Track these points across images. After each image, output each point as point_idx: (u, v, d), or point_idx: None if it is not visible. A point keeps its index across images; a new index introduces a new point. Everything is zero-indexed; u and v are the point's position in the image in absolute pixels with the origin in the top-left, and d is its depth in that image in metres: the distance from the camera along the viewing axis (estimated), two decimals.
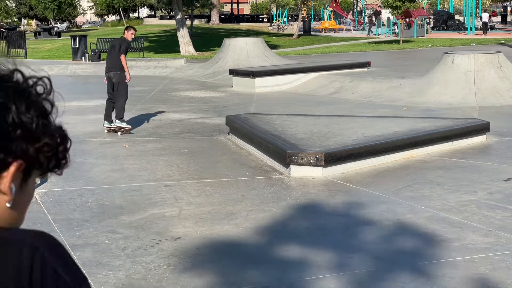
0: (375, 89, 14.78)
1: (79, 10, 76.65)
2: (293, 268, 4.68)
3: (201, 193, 6.74)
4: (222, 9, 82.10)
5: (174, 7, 31.54)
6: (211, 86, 17.96)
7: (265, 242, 5.25)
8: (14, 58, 28.95)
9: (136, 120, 11.75)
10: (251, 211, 6.05)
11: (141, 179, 7.34)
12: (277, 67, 17.93)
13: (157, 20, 63.37)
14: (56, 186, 7.01)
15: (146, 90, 17.12)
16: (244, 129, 9.01)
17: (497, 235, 5.24)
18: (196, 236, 5.39)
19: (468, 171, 7.47)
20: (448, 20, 48.47)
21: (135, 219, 5.88)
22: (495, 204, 6.11)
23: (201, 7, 46.05)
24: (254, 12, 77.66)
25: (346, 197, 6.48)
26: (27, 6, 69.02)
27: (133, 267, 4.72)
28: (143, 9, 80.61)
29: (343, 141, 7.88)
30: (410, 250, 5.00)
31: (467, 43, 32.55)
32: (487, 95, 12.78)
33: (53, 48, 37.73)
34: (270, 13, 57.82)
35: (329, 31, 49.67)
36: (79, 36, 27.86)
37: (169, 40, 38.82)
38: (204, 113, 12.62)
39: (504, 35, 39.35)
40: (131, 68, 23.49)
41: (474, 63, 13.20)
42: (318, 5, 50.98)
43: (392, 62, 22.98)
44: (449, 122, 9.37)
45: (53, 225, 5.71)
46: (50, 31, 51.84)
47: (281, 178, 7.29)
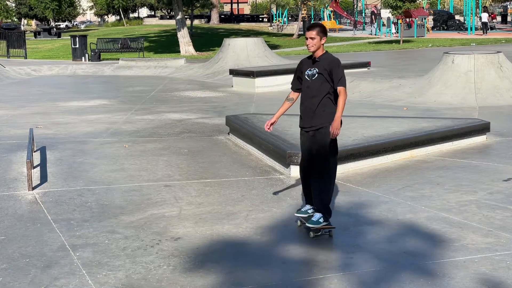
0: (375, 89, 14.78)
1: (79, 10, 76.65)
2: (293, 268, 4.68)
3: (201, 193, 6.74)
4: (222, 9, 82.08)
5: (174, 7, 31.54)
6: (211, 86, 17.96)
7: (265, 242, 5.25)
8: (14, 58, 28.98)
9: (136, 120, 11.75)
10: (251, 211, 6.05)
11: (141, 179, 7.34)
12: (277, 67, 17.92)
13: (157, 20, 63.40)
14: (56, 186, 7.01)
15: (146, 90, 17.12)
16: (244, 129, 9.01)
17: (497, 235, 5.24)
18: (196, 236, 5.39)
19: (468, 171, 7.46)
20: (448, 20, 48.48)
21: (135, 219, 5.87)
22: (495, 204, 6.11)
23: (201, 7, 46.05)
24: (254, 12, 77.66)
25: (346, 197, 6.48)
26: (27, 6, 69.02)
27: (133, 267, 4.72)
28: (143, 9, 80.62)
29: (343, 141, 7.87)
30: (410, 250, 4.99)
31: (467, 43, 32.55)
32: (487, 95, 12.78)
33: (53, 48, 37.72)
34: (270, 13, 57.82)
35: (329, 31, 49.65)
36: (79, 36, 27.88)
37: (169, 40, 38.82)
38: (204, 113, 12.62)
39: (504, 35, 39.33)
40: (131, 68, 23.60)
41: (474, 63, 13.20)
42: (318, 5, 50.92)
43: (392, 62, 22.98)
44: (449, 122, 9.37)
45: (53, 225, 5.71)
46: (50, 31, 51.84)
47: (281, 178, 7.29)
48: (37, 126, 10.87)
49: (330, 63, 5.29)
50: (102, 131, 10.50)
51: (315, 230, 5.32)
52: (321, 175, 5.32)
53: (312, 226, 5.28)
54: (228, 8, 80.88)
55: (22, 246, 5.21)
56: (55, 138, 9.81)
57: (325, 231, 5.36)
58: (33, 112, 12.88)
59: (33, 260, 4.90)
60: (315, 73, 5.30)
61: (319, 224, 5.29)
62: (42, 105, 13.99)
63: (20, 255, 5.00)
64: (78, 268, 4.71)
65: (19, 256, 4.99)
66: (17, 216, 6.02)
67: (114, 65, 24.52)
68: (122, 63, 24.56)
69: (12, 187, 7.02)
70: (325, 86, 5.27)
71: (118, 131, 10.53)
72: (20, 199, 6.58)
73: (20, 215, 6.04)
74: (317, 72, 5.30)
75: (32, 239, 5.36)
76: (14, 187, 7.02)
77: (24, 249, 5.14)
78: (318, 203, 5.37)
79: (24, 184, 7.05)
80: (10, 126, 11.08)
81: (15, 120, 11.82)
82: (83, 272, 4.64)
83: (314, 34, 5.26)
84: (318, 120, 5.28)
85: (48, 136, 9.97)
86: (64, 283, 4.46)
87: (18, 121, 11.72)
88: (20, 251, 5.09)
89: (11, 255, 5.01)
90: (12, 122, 11.64)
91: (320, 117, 5.27)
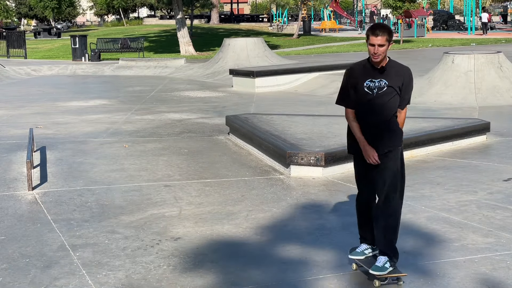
0: None
1: (79, 10, 76.63)
2: (293, 268, 4.68)
3: (201, 193, 6.74)
4: (222, 9, 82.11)
5: (174, 7, 31.53)
6: (211, 86, 17.96)
7: (265, 242, 5.25)
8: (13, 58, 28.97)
9: (136, 120, 11.75)
10: (251, 211, 6.05)
11: (141, 179, 7.34)
12: (277, 67, 17.93)
13: (157, 20, 63.38)
14: (56, 186, 7.01)
15: (146, 90, 17.12)
16: (244, 129, 9.01)
17: (498, 235, 5.24)
18: (196, 236, 5.39)
19: (468, 171, 7.46)
20: (448, 20, 48.49)
21: (135, 219, 5.87)
22: (495, 204, 6.11)
23: (201, 7, 46.04)
24: (254, 12, 77.67)
25: (346, 197, 6.48)
26: (27, 6, 69.02)
27: (133, 267, 4.72)
28: (143, 9, 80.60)
29: (343, 141, 7.82)
30: (410, 250, 4.99)
31: (467, 43, 32.55)
32: (487, 95, 12.78)
33: (53, 48, 37.71)
34: (270, 13, 57.80)
35: (329, 31, 49.66)
36: (79, 36, 27.88)
37: (169, 40, 38.81)
38: (204, 113, 12.62)
39: (504, 35, 39.34)
40: (131, 68, 23.59)
41: (474, 63, 13.20)
42: (318, 5, 50.95)
43: None
44: (449, 122, 9.37)
45: (53, 225, 5.71)
46: (50, 31, 51.84)
47: (281, 178, 7.29)
48: (37, 126, 10.87)
49: (403, 75, 4.32)
50: (102, 131, 10.50)
51: (381, 278, 4.33)
52: (387, 209, 4.33)
53: (377, 273, 4.29)
54: (228, 8, 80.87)
55: (22, 246, 5.21)
56: (55, 138, 9.81)
57: (392, 279, 4.36)
58: (33, 112, 12.87)
59: (33, 260, 4.90)
60: (384, 86, 4.26)
61: (385, 270, 4.30)
62: (42, 105, 13.99)
63: (20, 255, 4.99)
64: (78, 268, 4.71)
65: (19, 256, 4.98)
66: (17, 216, 6.02)
67: (114, 65, 24.52)
68: (122, 63, 24.56)
69: (12, 187, 7.02)
70: (393, 102, 4.30)
71: (118, 131, 10.52)
72: (20, 199, 6.58)
73: (20, 215, 6.04)
74: (386, 85, 4.27)
75: (32, 239, 5.36)
76: (14, 187, 7.01)
77: (24, 249, 5.13)
78: (383, 244, 4.36)
79: (24, 184, 7.05)
80: (10, 126, 11.08)
81: (15, 120, 11.82)
82: (83, 272, 4.64)
83: (384, 40, 4.22)
84: (386, 143, 4.30)
85: (48, 136, 9.97)
86: (64, 283, 4.46)
87: (18, 121, 11.72)
88: (20, 251, 5.09)
89: (11, 255, 5.01)
90: (12, 122, 11.63)
91: (388, 139, 4.30)
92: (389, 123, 4.31)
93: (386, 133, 4.30)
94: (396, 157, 4.33)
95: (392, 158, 4.32)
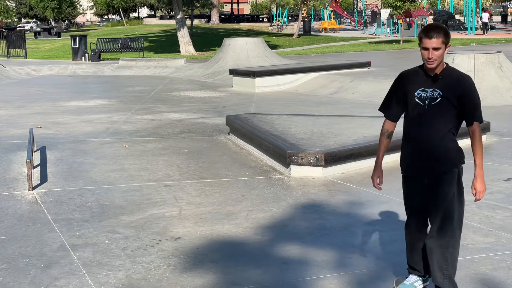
0: (375, 89, 14.77)
1: (79, 10, 76.64)
2: (293, 268, 4.68)
3: (201, 193, 6.74)
4: (222, 9, 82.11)
5: (174, 7, 31.53)
6: (211, 86, 17.97)
7: (265, 242, 5.25)
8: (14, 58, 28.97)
9: (136, 120, 11.75)
10: (251, 211, 6.05)
11: (141, 179, 7.34)
12: (277, 67, 17.93)
13: (157, 20, 63.42)
14: (56, 186, 7.01)
15: (146, 90, 17.12)
16: (244, 129, 9.01)
17: (498, 235, 5.24)
18: (196, 236, 5.39)
19: (468, 171, 7.44)
20: (448, 20, 48.48)
21: (135, 219, 5.87)
22: (495, 204, 6.11)
23: (201, 7, 46.07)
24: (254, 12, 77.71)
25: (346, 197, 6.48)
26: (27, 6, 69.03)
27: (133, 267, 4.72)
28: (143, 9, 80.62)
29: (343, 141, 7.87)
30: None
31: (467, 43, 32.56)
32: (487, 95, 12.77)
33: (53, 48, 37.73)
34: (270, 13, 57.85)
35: (329, 31, 49.67)
36: (79, 36, 27.90)
37: (169, 40, 38.83)
38: (204, 113, 12.62)
39: (504, 35, 39.33)
40: (131, 68, 23.58)
41: (474, 63, 13.20)
42: (318, 5, 50.99)
43: (392, 62, 22.98)
44: None
45: (53, 225, 5.71)
46: (50, 31, 51.87)
47: (281, 178, 7.29)
48: (37, 126, 10.87)
49: (462, 83, 3.69)
50: (102, 131, 10.50)
51: None
52: (443, 238, 3.74)
53: None
54: (228, 8, 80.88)
55: (22, 246, 5.21)
56: (55, 138, 9.81)
57: None
58: (33, 112, 12.87)
59: (33, 260, 4.90)
60: (438, 97, 3.66)
61: None
62: (42, 105, 13.99)
63: (20, 255, 4.99)
64: (78, 268, 4.71)
65: (19, 256, 4.98)
66: (17, 216, 6.02)
67: (114, 65, 24.52)
68: (122, 63, 24.57)
69: (12, 187, 7.02)
70: (450, 115, 3.67)
71: (118, 131, 10.53)
72: (20, 199, 6.58)
73: (20, 215, 6.04)
74: (440, 96, 3.65)
75: (32, 239, 5.36)
76: (14, 187, 7.01)
77: (24, 249, 5.13)
78: (439, 277, 3.80)
79: (24, 184, 7.05)
80: (10, 126, 11.08)
81: (15, 120, 11.82)
82: (83, 272, 4.64)
83: (440, 43, 3.64)
84: (440, 164, 3.74)
85: (48, 136, 9.97)
86: (64, 283, 4.46)
87: (18, 121, 11.72)
88: (20, 251, 5.09)
89: (11, 255, 5.01)
90: (12, 122, 11.64)
91: (444, 159, 3.74)
92: (444, 140, 3.73)
93: (440, 152, 3.73)
94: (453, 180, 3.78)
95: (447, 181, 3.76)
